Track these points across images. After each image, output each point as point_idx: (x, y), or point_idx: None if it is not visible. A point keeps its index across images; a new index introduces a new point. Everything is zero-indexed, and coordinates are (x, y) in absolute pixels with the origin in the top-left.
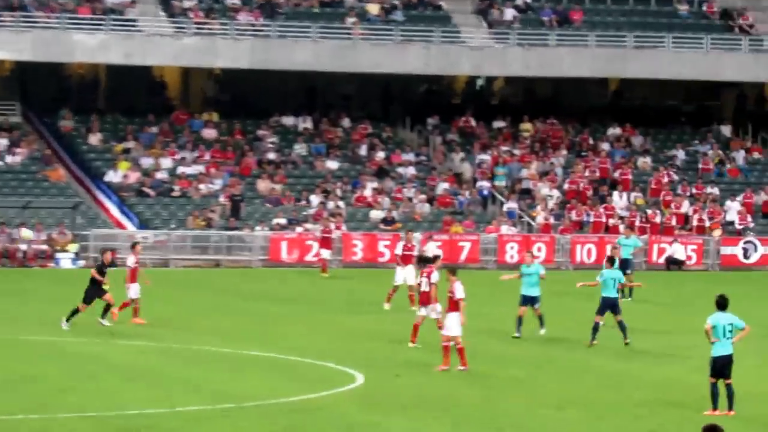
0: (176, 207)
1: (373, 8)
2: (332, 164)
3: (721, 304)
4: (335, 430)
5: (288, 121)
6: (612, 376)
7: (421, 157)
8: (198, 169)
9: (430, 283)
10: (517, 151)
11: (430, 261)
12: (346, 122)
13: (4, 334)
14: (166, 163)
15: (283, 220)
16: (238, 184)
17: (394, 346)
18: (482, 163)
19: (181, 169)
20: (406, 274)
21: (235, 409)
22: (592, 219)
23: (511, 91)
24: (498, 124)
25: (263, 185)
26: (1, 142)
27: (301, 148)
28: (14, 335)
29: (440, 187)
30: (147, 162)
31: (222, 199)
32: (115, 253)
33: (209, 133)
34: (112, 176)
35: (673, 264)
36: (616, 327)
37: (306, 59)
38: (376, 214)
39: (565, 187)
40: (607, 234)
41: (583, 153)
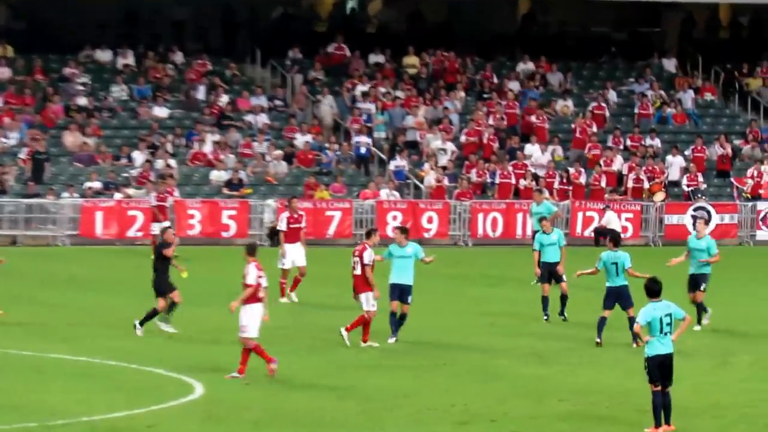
0: None
1: None
2: (161, 111)
3: (654, 291)
4: None
5: (103, 56)
6: (528, 383)
7: (276, 102)
8: None
9: (363, 265)
10: (400, 93)
11: (368, 235)
12: (179, 57)
13: None
14: None
15: (97, 184)
16: (40, 137)
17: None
18: (356, 109)
19: None
20: (294, 256)
21: (38, 429)
22: (498, 180)
23: (392, 16)
24: (375, 58)
25: (71, 139)
26: None
27: (120, 91)
28: None
29: (301, 141)
30: None
31: (20, 158)
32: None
33: (1, 73)
34: None
35: (603, 237)
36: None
37: None
38: (219, 176)
39: (463, 139)
40: (518, 200)
41: (486, 95)
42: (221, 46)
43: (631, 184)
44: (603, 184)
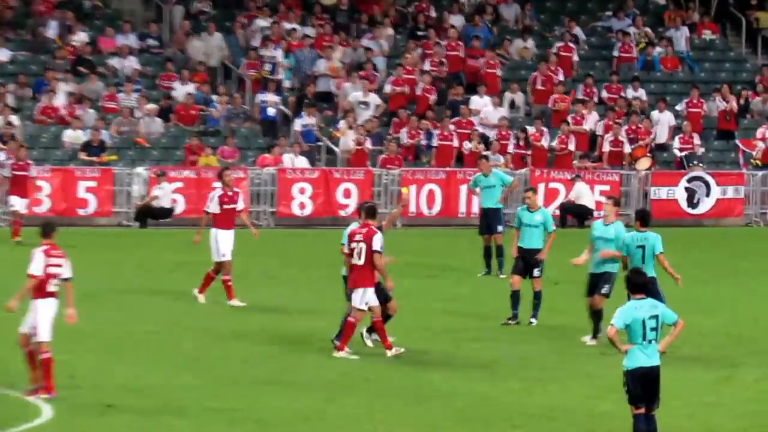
0: None
1: None
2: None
3: (636, 285)
4: None
5: None
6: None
7: (150, 42)
8: None
9: (371, 250)
10: (309, 31)
11: (370, 214)
12: None
13: None
14: None
15: None
16: None
17: (110, 359)
18: (253, 50)
19: None
20: (228, 246)
21: None
22: (436, 142)
23: None
24: None
25: None
26: None
27: None
28: None
29: (181, 92)
30: None
31: None
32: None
33: None
34: None
35: (573, 215)
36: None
37: None
38: (74, 137)
39: (389, 89)
40: (462, 167)
41: (420, 33)
42: None
43: (607, 148)
44: (571, 147)
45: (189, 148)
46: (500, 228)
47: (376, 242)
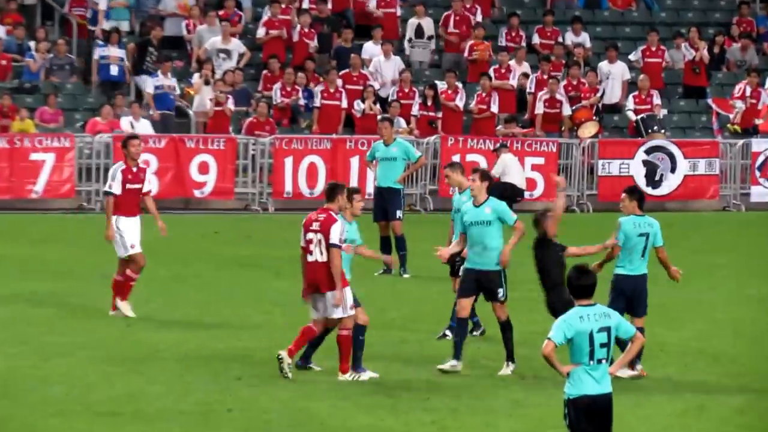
0: None
1: None
2: None
3: (582, 288)
4: None
5: None
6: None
7: None
8: None
9: (329, 245)
10: None
11: (329, 196)
12: None
13: None
14: None
15: None
16: None
17: None
18: None
19: None
20: (135, 236)
21: None
22: (318, 102)
23: None
24: None
25: None
26: None
27: None
28: None
29: None
30: None
31: None
32: None
33: None
34: None
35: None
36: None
37: None
38: None
39: (261, 34)
40: (352, 134)
41: None
42: None
43: (541, 110)
44: (494, 108)
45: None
46: (399, 213)
47: (334, 233)
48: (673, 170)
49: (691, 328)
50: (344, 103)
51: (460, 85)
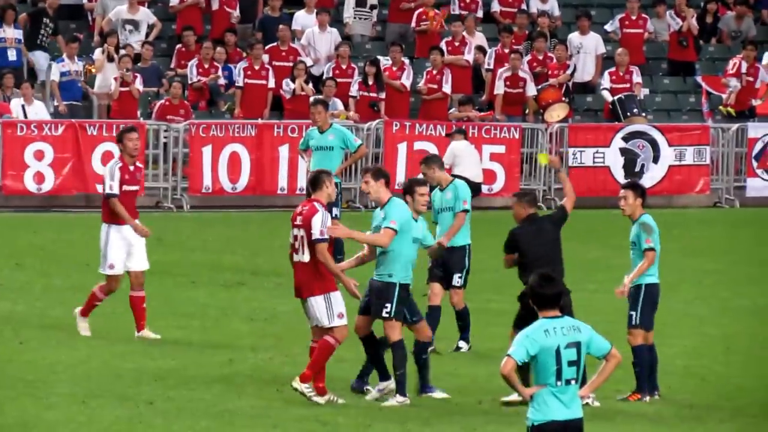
0: None
1: None
2: None
3: (546, 298)
4: None
5: None
6: None
7: None
8: None
9: (312, 242)
10: None
11: (313, 185)
12: None
13: None
14: None
15: None
16: None
17: None
18: None
19: None
20: (131, 248)
21: None
22: (241, 81)
23: None
24: None
25: None
26: None
27: None
28: None
29: None
30: None
31: None
32: None
33: None
34: None
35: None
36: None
37: None
38: None
39: (173, 1)
40: (281, 119)
41: None
42: None
43: (501, 90)
44: (446, 89)
45: None
46: (336, 212)
47: (315, 225)
48: (655, 160)
49: (677, 345)
50: (271, 83)
51: (407, 61)
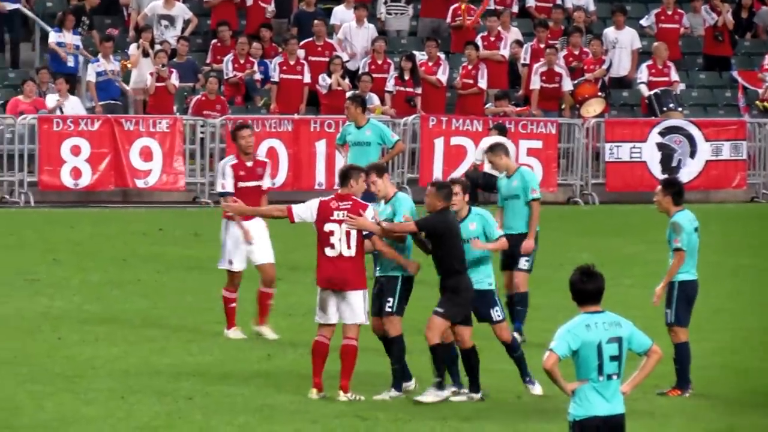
0: None
1: None
2: None
3: (586, 293)
4: None
5: None
6: None
7: None
8: None
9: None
10: None
11: (343, 180)
12: None
13: None
14: None
15: None
16: None
17: None
18: None
19: None
20: (256, 244)
21: None
22: (277, 77)
23: None
24: None
25: None
26: None
27: None
28: None
29: None
30: None
31: None
32: None
33: None
34: None
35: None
36: None
37: None
38: None
39: None
40: (317, 114)
41: None
42: None
43: (537, 85)
44: (482, 84)
45: None
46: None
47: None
48: (692, 155)
49: (714, 340)
50: (307, 78)
51: (443, 56)
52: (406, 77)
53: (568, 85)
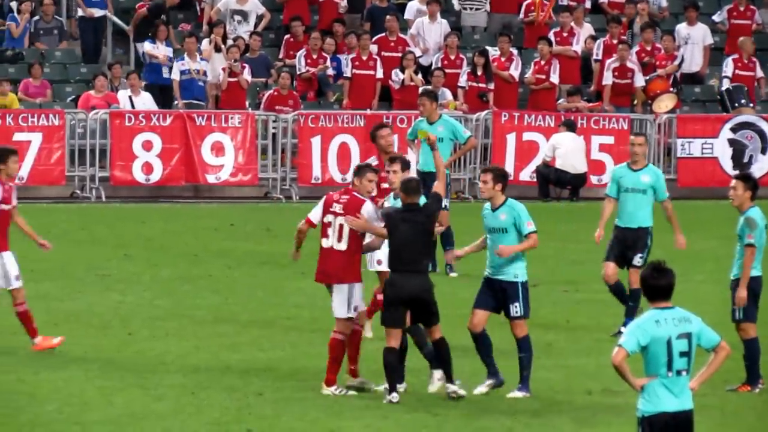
0: None
1: None
2: None
3: (657, 289)
4: None
5: None
6: None
7: None
8: None
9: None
10: None
11: (357, 174)
12: None
13: None
14: None
15: None
16: None
17: None
18: None
19: None
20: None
21: None
22: (350, 72)
23: None
24: None
25: None
26: None
27: None
28: None
29: None
30: None
31: None
32: None
33: None
34: None
35: (551, 183)
36: None
37: None
38: None
39: None
40: (390, 109)
41: None
42: None
43: (609, 80)
44: (554, 79)
45: None
46: (445, 202)
47: (366, 214)
48: (763, 151)
49: None
50: (380, 73)
51: (515, 52)
52: (479, 73)
53: (640, 81)
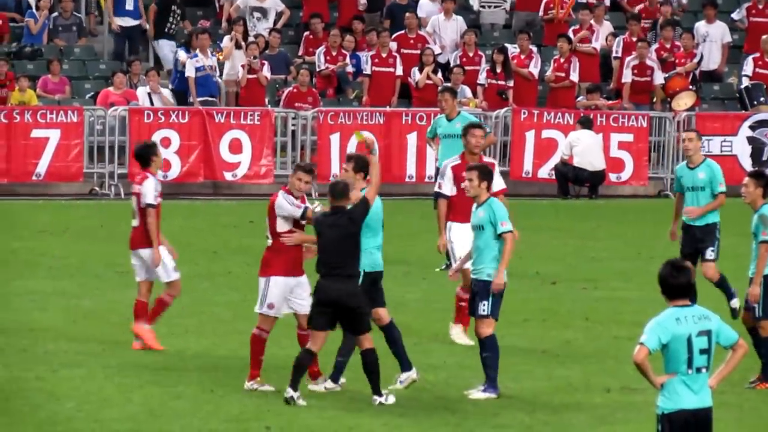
0: None
1: None
2: None
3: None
4: None
5: None
6: None
7: None
8: None
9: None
10: None
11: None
12: None
13: None
14: None
15: None
16: None
17: None
18: None
19: None
20: (459, 245)
21: None
22: (369, 69)
23: None
24: None
25: None
26: None
27: None
28: None
29: None
30: None
31: None
32: None
33: None
34: None
35: (570, 181)
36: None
37: None
38: None
39: None
40: (409, 106)
41: None
42: None
43: (629, 78)
44: (573, 77)
45: None
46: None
47: (277, 209)
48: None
49: None
50: (399, 71)
51: (535, 49)
52: (498, 70)
53: (659, 79)
